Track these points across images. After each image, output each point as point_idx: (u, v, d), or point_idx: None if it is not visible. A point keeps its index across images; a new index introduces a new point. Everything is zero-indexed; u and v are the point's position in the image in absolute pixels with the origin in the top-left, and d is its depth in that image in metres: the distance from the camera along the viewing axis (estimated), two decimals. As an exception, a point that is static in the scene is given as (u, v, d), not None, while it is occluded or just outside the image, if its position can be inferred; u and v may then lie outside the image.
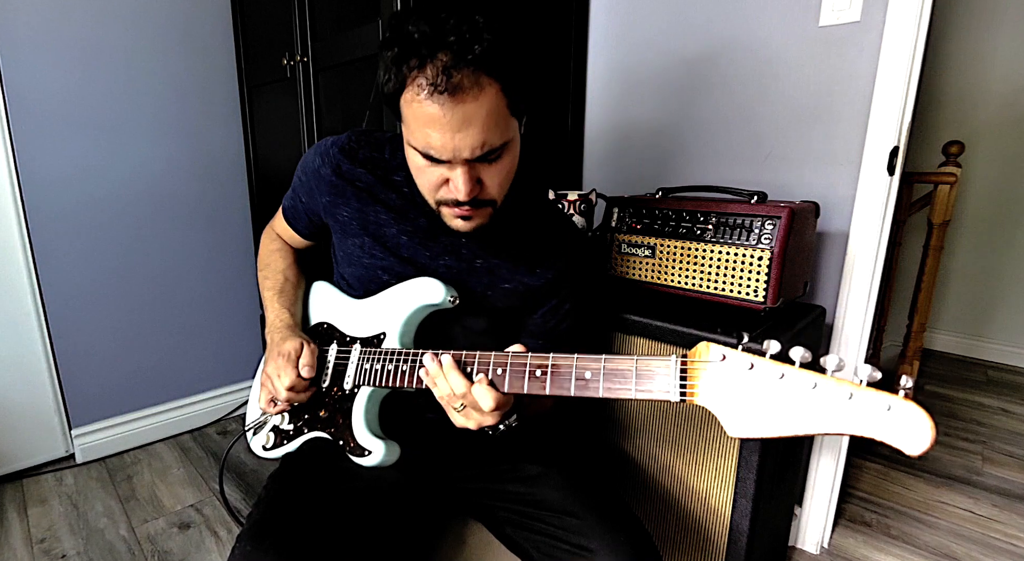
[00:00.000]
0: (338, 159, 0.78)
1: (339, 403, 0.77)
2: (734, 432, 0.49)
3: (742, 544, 0.94)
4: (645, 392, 0.54)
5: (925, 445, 0.41)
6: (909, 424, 0.41)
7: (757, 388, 0.48)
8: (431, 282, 0.75)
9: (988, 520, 1.42)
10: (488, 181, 0.66)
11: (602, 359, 0.58)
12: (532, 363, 0.62)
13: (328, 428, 0.77)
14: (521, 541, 0.75)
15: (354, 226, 0.79)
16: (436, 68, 0.56)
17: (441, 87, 0.56)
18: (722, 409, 0.50)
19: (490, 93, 0.59)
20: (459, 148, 0.60)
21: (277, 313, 0.83)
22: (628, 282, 1.10)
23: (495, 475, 0.80)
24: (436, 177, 0.65)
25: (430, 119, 0.59)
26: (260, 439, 0.83)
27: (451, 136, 0.59)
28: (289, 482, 0.76)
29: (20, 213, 1.46)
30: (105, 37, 1.51)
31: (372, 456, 0.72)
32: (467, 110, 0.58)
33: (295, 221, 0.90)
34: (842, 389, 0.44)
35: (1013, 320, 2.45)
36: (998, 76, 2.30)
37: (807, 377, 0.46)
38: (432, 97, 0.57)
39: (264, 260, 0.93)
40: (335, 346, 0.80)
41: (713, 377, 0.50)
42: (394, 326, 0.76)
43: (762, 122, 1.23)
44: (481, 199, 0.67)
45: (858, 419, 0.43)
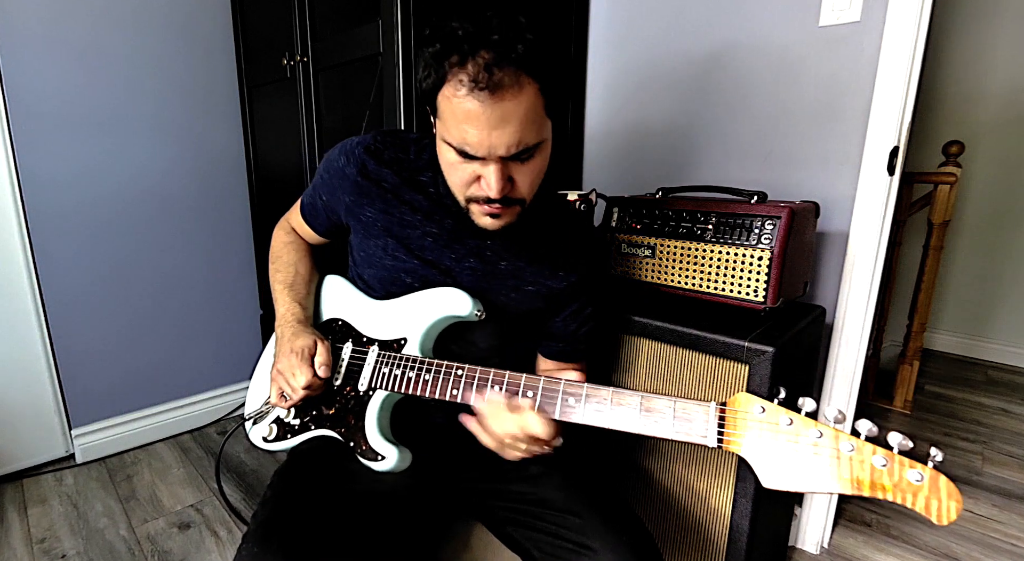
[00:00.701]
0: (363, 159, 0.78)
1: (351, 403, 0.76)
2: (768, 483, 0.51)
3: (742, 544, 0.94)
4: (682, 434, 0.56)
5: (953, 516, 0.43)
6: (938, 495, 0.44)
7: (793, 444, 0.50)
8: (459, 293, 0.74)
9: (988, 520, 1.42)
10: (520, 180, 0.66)
11: (639, 397, 0.58)
12: (566, 391, 0.62)
13: (338, 428, 0.76)
14: (523, 540, 0.75)
15: (377, 227, 0.79)
16: (478, 65, 0.57)
17: (483, 84, 0.57)
18: (758, 460, 0.52)
19: (529, 92, 0.59)
20: (495, 145, 0.61)
21: (288, 306, 0.82)
22: (628, 282, 1.10)
23: (497, 475, 0.80)
24: (468, 174, 0.66)
25: (468, 115, 0.60)
26: (261, 430, 0.82)
27: (488, 133, 0.60)
28: (295, 482, 0.75)
29: (20, 213, 1.46)
30: (105, 37, 1.51)
31: (385, 462, 0.71)
32: (506, 108, 0.59)
33: (313, 218, 0.89)
34: (876, 457, 0.47)
35: (1013, 320, 2.45)
36: (998, 76, 2.30)
37: (844, 442, 0.48)
38: (473, 93, 0.58)
39: (276, 252, 0.92)
40: (350, 344, 0.79)
41: (751, 428, 0.52)
42: (416, 332, 0.75)
43: (762, 122, 1.23)
44: (511, 198, 0.67)
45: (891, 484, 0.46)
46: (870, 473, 0.46)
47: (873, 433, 0.47)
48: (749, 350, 0.86)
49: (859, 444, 0.47)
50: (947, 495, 0.43)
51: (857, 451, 0.47)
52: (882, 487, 0.46)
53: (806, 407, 0.51)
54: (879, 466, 0.46)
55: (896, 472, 0.45)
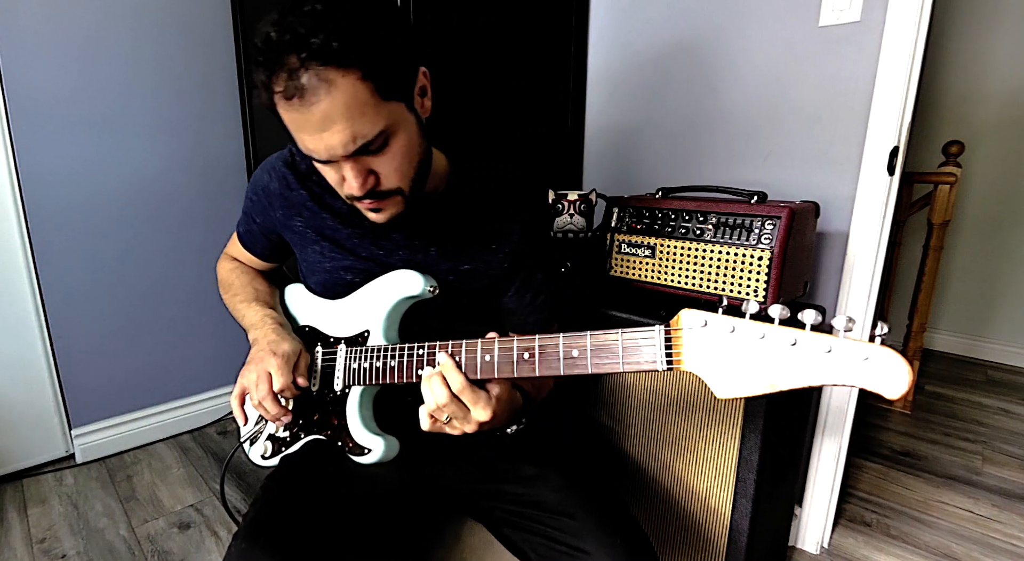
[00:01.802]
0: (283, 172, 0.79)
1: (332, 405, 0.77)
2: (721, 393, 0.50)
3: (742, 544, 0.94)
4: (633, 364, 0.55)
5: (903, 388, 0.42)
6: (887, 370, 0.43)
7: (740, 349, 0.49)
8: (409, 273, 0.74)
9: (988, 520, 1.42)
10: (381, 170, 0.64)
11: (587, 335, 0.58)
12: (519, 346, 0.61)
13: (324, 430, 0.77)
14: (519, 542, 0.74)
15: (311, 234, 0.80)
16: (284, 74, 0.55)
17: (290, 92, 0.55)
18: (708, 372, 0.51)
19: (344, 85, 0.55)
20: (330, 147, 0.59)
21: (263, 312, 0.81)
22: (628, 282, 1.10)
23: (493, 475, 0.80)
24: (334, 176, 0.64)
25: (295, 124, 0.58)
26: (258, 449, 0.84)
27: (318, 137, 0.58)
28: (285, 482, 0.75)
29: (20, 213, 1.46)
30: (105, 36, 1.51)
31: (372, 453, 0.72)
32: (322, 109, 0.56)
33: (253, 245, 0.89)
34: (821, 343, 0.45)
35: (1013, 320, 2.45)
36: (998, 76, 2.30)
37: (786, 334, 0.47)
38: (290, 104, 0.56)
39: (226, 281, 0.92)
40: (320, 348, 0.80)
41: (697, 343, 0.51)
42: (376, 322, 0.75)
43: (762, 122, 1.23)
44: (380, 190, 0.65)
45: (838, 370, 0.45)
46: (818, 361, 0.46)
47: (817, 321, 0.46)
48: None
49: (803, 335, 0.46)
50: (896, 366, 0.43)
51: (801, 342, 0.46)
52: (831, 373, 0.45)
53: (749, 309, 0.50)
54: (824, 352, 0.45)
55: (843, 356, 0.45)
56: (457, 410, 0.64)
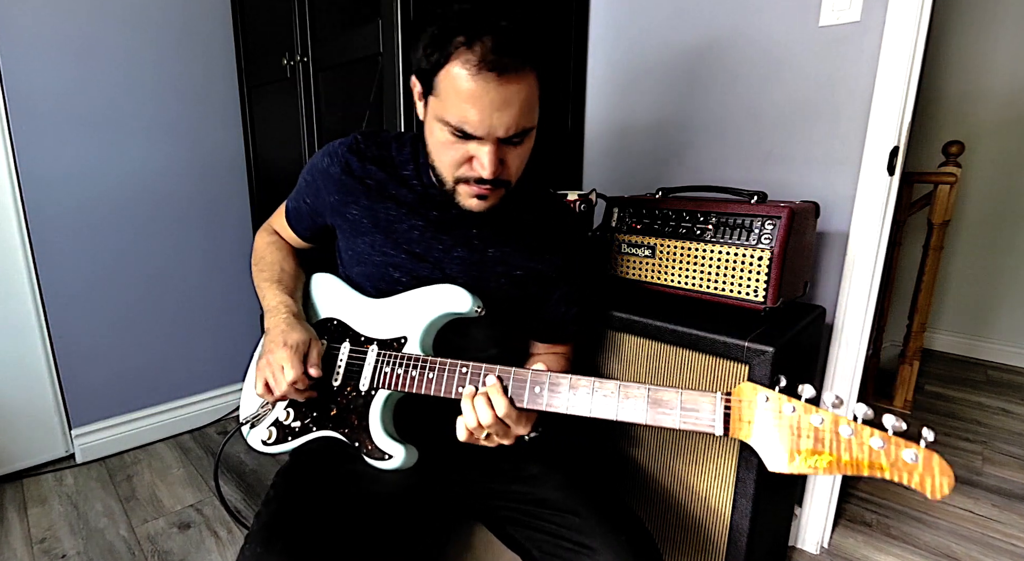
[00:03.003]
0: (347, 158, 0.79)
1: (353, 403, 0.76)
2: (774, 467, 0.54)
3: (742, 544, 0.94)
4: (689, 424, 0.58)
5: (946, 491, 0.46)
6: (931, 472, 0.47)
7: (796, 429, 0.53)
8: (458, 290, 0.75)
9: (988, 520, 1.42)
10: (511, 162, 0.68)
11: (647, 389, 0.60)
12: (572, 385, 0.63)
13: (341, 428, 0.76)
14: (523, 540, 0.75)
15: (365, 223, 0.79)
16: (486, 47, 0.59)
17: (492, 64, 0.59)
18: (763, 446, 0.55)
19: (529, 79, 0.62)
20: (495, 126, 0.63)
21: (279, 298, 0.81)
22: (628, 282, 1.10)
23: (497, 475, 0.80)
24: (461, 154, 0.67)
25: (472, 95, 0.61)
26: (260, 433, 0.81)
27: (490, 114, 0.62)
28: (298, 482, 0.75)
29: (20, 213, 1.46)
30: (105, 36, 1.51)
31: (393, 460, 0.71)
32: (510, 91, 0.61)
33: (297, 222, 0.90)
34: (874, 439, 0.49)
35: (1013, 320, 2.45)
36: (998, 76, 2.30)
37: (843, 426, 0.51)
38: (480, 73, 0.60)
39: (259, 252, 0.93)
40: (348, 344, 0.79)
41: (756, 416, 0.55)
42: (416, 331, 0.75)
43: (762, 122, 1.23)
44: (500, 179, 0.69)
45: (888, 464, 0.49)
46: (868, 454, 0.49)
47: (869, 416, 0.50)
48: (749, 350, 0.86)
49: (857, 427, 0.50)
50: (940, 472, 0.46)
51: (856, 434, 0.50)
52: (880, 467, 0.49)
53: (805, 393, 0.53)
54: (876, 447, 0.49)
55: (892, 452, 0.48)
56: (499, 429, 0.66)
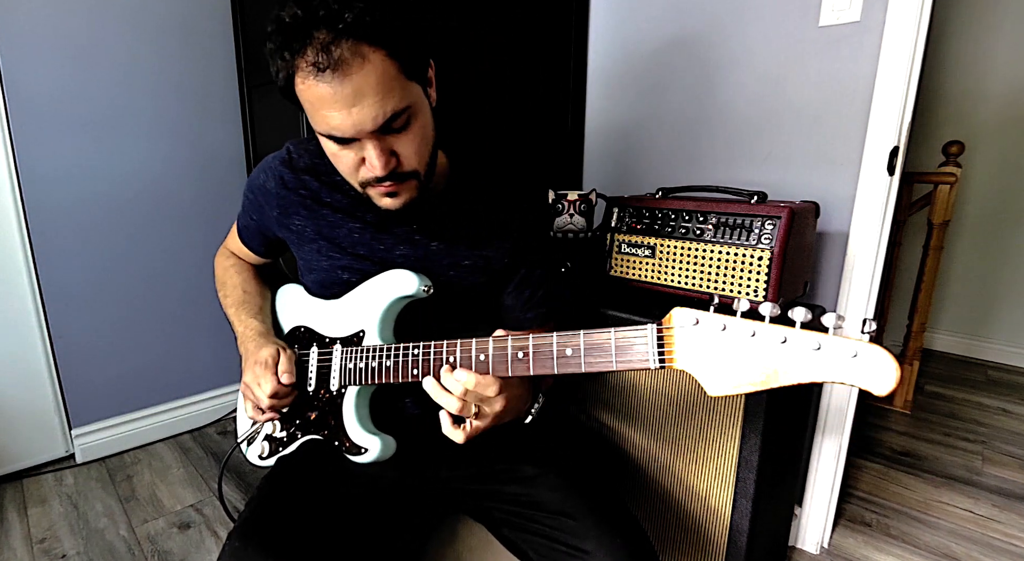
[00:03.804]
0: (280, 171, 0.79)
1: (328, 404, 0.77)
2: (713, 390, 0.51)
3: (742, 544, 0.94)
4: (625, 363, 0.56)
5: (891, 385, 0.43)
6: (875, 366, 0.44)
7: (731, 347, 0.50)
8: (403, 273, 0.75)
9: (988, 520, 1.42)
10: (402, 151, 0.65)
11: (580, 334, 0.59)
12: (513, 346, 0.62)
13: (321, 430, 0.77)
14: (519, 542, 0.75)
15: (309, 232, 0.80)
16: (316, 48, 0.56)
17: (323, 64, 0.56)
18: (700, 370, 0.52)
19: (375, 60, 0.57)
20: (359, 122, 0.60)
21: (246, 323, 0.83)
22: (628, 282, 1.10)
23: (492, 476, 0.80)
24: (351, 159, 0.65)
25: (323, 100, 0.59)
26: (255, 449, 0.84)
27: (347, 112, 0.59)
28: (281, 482, 0.76)
29: (20, 213, 1.46)
30: (105, 36, 1.51)
31: (368, 453, 0.72)
32: (355, 82, 0.57)
33: (250, 240, 0.90)
34: (810, 340, 0.46)
35: (1013, 320, 2.45)
36: (998, 76, 2.30)
37: (776, 332, 0.48)
38: (319, 77, 0.57)
39: (220, 278, 0.94)
40: (315, 348, 0.80)
41: (688, 341, 0.53)
42: (372, 322, 0.76)
43: (762, 122, 1.23)
44: (401, 172, 0.66)
45: (827, 367, 0.46)
46: (807, 359, 0.46)
47: (807, 319, 0.47)
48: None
49: (792, 333, 0.47)
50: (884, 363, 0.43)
51: (791, 340, 0.47)
52: (820, 370, 0.46)
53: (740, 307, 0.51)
54: (814, 350, 0.46)
55: (832, 352, 0.45)
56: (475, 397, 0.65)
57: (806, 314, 0.47)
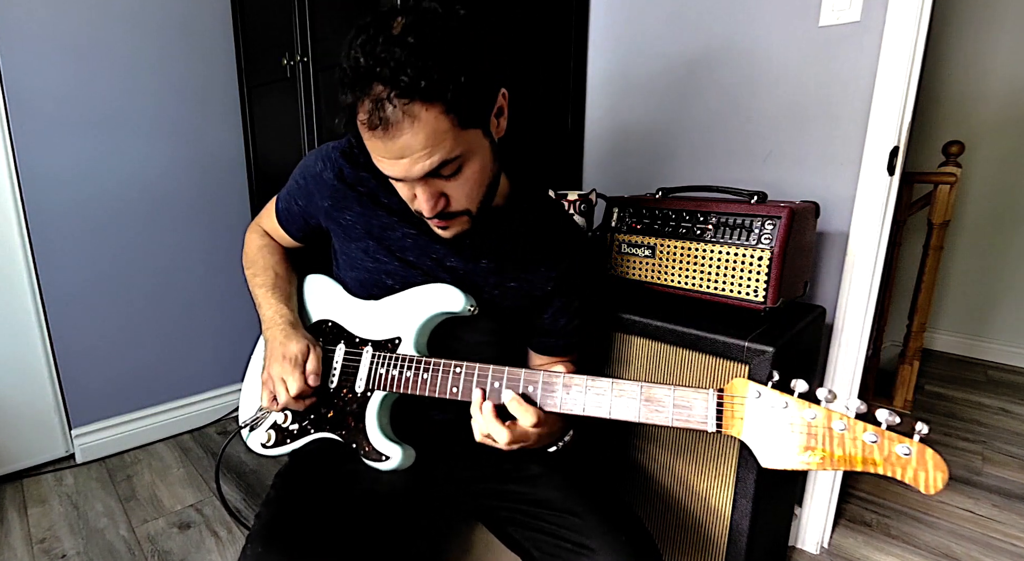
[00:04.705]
0: (340, 163, 0.78)
1: (349, 405, 0.76)
2: (767, 463, 0.54)
3: (742, 544, 0.94)
4: (682, 421, 0.58)
5: (939, 486, 0.46)
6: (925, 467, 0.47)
7: (789, 425, 0.53)
8: (451, 290, 0.74)
9: (988, 520, 1.42)
10: (453, 194, 0.66)
11: (639, 386, 0.60)
12: (566, 384, 0.63)
13: (338, 430, 0.76)
14: (523, 540, 0.75)
15: (358, 230, 0.79)
16: (371, 102, 0.57)
17: (375, 122, 0.57)
18: (756, 442, 0.54)
19: (427, 118, 0.57)
20: (406, 171, 0.61)
21: (276, 309, 0.81)
22: (628, 282, 1.10)
23: (497, 475, 0.80)
24: (406, 191, 0.66)
25: (374, 148, 0.61)
26: (259, 436, 0.82)
27: (395, 163, 0.60)
28: (298, 482, 0.75)
29: (20, 213, 1.46)
30: (105, 36, 1.51)
31: (390, 461, 0.71)
32: (403, 141, 0.58)
33: (288, 223, 0.89)
34: (867, 434, 0.49)
35: (1013, 320, 2.45)
36: (998, 76, 2.30)
37: (836, 421, 0.51)
38: (371, 132, 0.58)
39: (251, 256, 0.92)
40: (343, 346, 0.78)
41: (748, 412, 0.55)
42: (410, 331, 0.75)
43: (762, 122, 1.23)
44: (450, 212, 0.67)
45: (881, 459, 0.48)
46: (861, 449, 0.49)
47: (863, 411, 0.50)
48: (749, 350, 0.86)
49: (850, 422, 0.50)
50: (934, 466, 0.46)
51: (849, 429, 0.50)
52: (873, 462, 0.48)
53: (798, 388, 0.53)
54: (869, 442, 0.49)
55: (885, 447, 0.48)
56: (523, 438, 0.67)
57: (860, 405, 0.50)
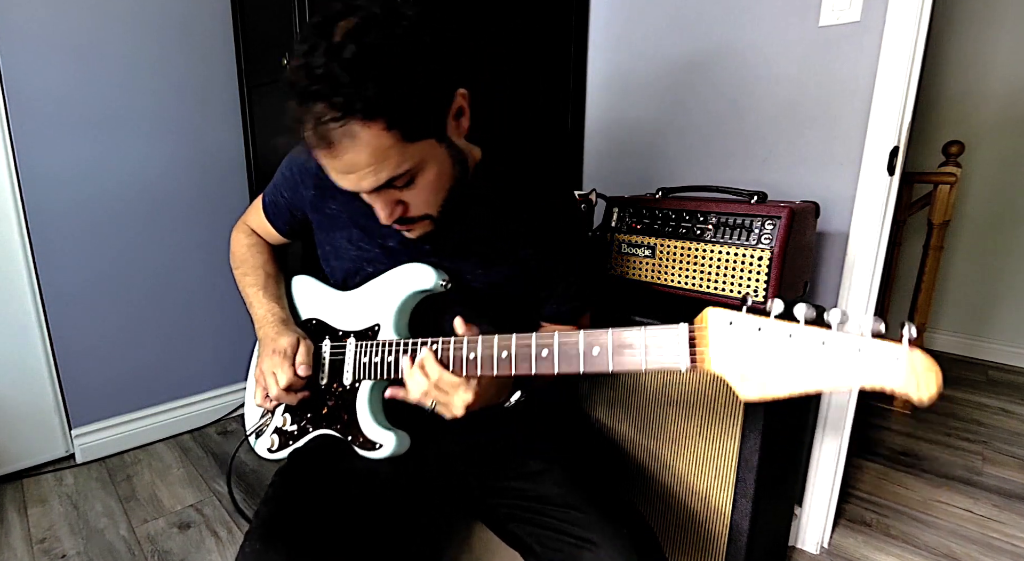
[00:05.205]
0: None
1: (341, 399, 0.76)
2: (746, 394, 0.49)
3: (742, 544, 0.94)
4: (655, 362, 0.54)
5: (932, 390, 0.41)
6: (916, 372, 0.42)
7: (766, 350, 0.48)
8: (420, 267, 0.74)
9: (988, 520, 1.42)
10: (410, 201, 0.65)
11: (609, 333, 0.56)
12: (538, 343, 0.60)
13: (334, 425, 0.77)
14: (524, 536, 0.75)
15: (343, 218, 0.79)
16: (312, 121, 0.55)
17: (316, 141, 0.56)
18: (732, 373, 0.49)
19: (369, 136, 0.55)
20: (356, 186, 0.60)
21: (267, 307, 0.83)
22: (628, 282, 1.10)
23: (498, 472, 0.80)
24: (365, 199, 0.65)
25: (322, 163, 0.60)
26: (264, 442, 0.83)
27: (344, 177, 0.60)
28: (296, 480, 0.75)
29: (20, 213, 1.46)
30: (105, 36, 1.51)
31: (383, 449, 0.72)
32: (347, 159, 0.57)
33: (276, 217, 0.89)
34: (850, 343, 0.44)
35: (1013, 320, 2.45)
36: (998, 76, 2.30)
37: (815, 334, 0.45)
38: (315, 149, 0.58)
39: (240, 256, 0.92)
40: (328, 342, 0.79)
41: (721, 342, 0.50)
42: (387, 316, 0.75)
43: (762, 122, 1.23)
44: (410, 217, 0.66)
45: (867, 371, 0.43)
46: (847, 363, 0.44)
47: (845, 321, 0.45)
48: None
49: (831, 335, 0.45)
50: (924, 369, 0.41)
51: (830, 342, 0.45)
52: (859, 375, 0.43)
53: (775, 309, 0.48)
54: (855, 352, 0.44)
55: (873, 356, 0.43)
56: (440, 396, 0.66)
57: (842, 315, 0.45)
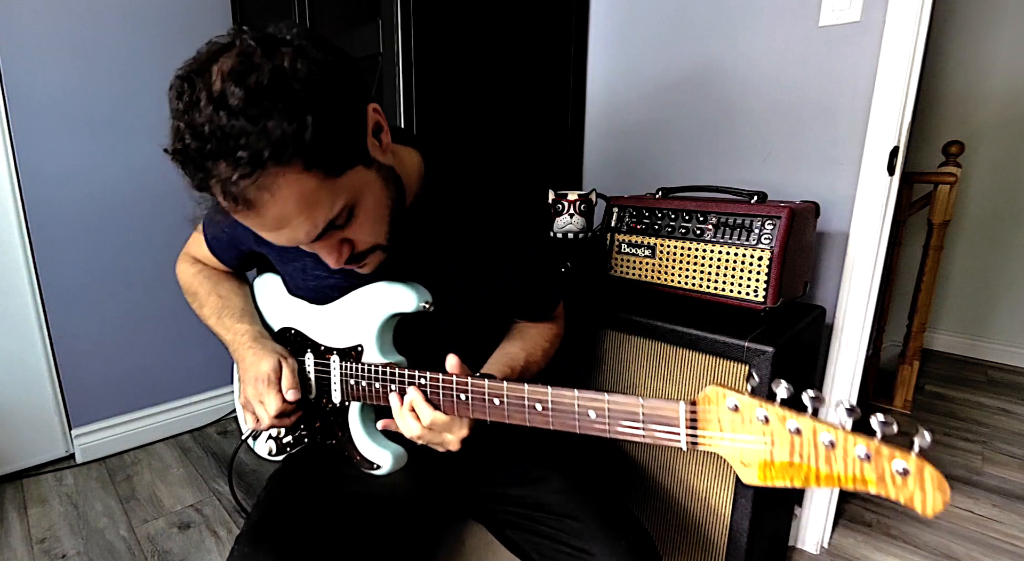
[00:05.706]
0: None
1: (333, 415, 0.75)
2: (748, 481, 0.48)
3: (742, 544, 0.94)
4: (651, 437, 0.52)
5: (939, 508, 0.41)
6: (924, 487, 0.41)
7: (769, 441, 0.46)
8: (400, 289, 0.68)
9: (988, 520, 1.42)
10: (355, 237, 0.59)
11: (605, 399, 0.53)
12: (530, 397, 0.57)
13: (329, 439, 0.76)
14: (522, 543, 0.75)
15: (291, 250, 0.71)
16: (220, 184, 0.49)
17: (231, 207, 0.51)
18: (735, 459, 0.48)
19: (288, 183, 0.49)
20: (294, 240, 0.55)
21: (234, 330, 0.77)
22: (628, 282, 1.10)
23: (496, 478, 0.80)
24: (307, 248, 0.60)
25: (249, 226, 0.54)
26: (261, 447, 0.83)
27: (277, 233, 0.54)
28: (288, 484, 0.75)
29: (20, 212, 1.46)
30: (105, 35, 1.51)
31: (382, 468, 0.71)
32: (274, 214, 0.51)
33: (223, 253, 0.83)
34: (859, 448, 0.42)
35: (1013, 320, 2.45)
36: (998, 76, 2.30)
37: (825, 434, 0.44)
38: (235, 213, 0.51)
39: (189, 287, 0.87)
40: (311, 356, 0.75)
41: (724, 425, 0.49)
42: (369, 337, 0.70)
43: (762, 122, 1.23)
44: (359, 253, 0.61)
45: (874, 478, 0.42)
46: (851, 466, 0.42)
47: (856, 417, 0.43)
48: (749, 350, 0.86)
49: (839, 434, 0.43)
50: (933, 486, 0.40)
51: (837, 442, 0.43)
52: (863, 481, 0.42)
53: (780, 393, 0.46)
54: (860, 457, 0.42)
55: (879, 463, 0.41)
56: (433, 437, 0.64)
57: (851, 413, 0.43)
